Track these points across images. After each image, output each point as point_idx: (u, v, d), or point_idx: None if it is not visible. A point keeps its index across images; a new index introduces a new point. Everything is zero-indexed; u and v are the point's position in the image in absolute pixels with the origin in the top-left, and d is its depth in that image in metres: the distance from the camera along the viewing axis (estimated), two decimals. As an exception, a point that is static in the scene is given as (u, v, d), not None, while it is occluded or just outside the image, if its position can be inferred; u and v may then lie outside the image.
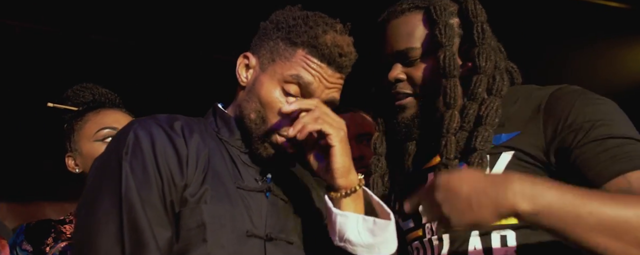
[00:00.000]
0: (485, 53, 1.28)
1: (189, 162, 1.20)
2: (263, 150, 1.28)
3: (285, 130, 1.25)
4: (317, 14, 1.32)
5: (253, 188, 1.27)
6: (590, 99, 1.20)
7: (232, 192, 1.23)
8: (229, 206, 1.20)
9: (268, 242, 1.22)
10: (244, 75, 1.34)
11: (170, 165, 1.18)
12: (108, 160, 1.19)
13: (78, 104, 1.83)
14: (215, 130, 1.33)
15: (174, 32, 3.11)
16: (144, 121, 1.24)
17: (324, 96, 1.28)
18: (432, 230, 1.30)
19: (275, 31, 1.31)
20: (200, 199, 1.18)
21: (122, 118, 1.78)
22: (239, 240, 1.19)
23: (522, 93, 1.30)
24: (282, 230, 1.26)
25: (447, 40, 1.28)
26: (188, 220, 1.16)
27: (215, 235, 1.16)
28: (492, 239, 1.20)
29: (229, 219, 1.19)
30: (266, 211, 1.26)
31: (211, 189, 1.20)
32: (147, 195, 1.14)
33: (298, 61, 1.27)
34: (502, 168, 1.21)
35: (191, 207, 1.17)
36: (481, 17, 1.31)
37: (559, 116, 1.19)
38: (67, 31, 3.00)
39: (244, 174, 1.28)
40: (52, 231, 1.72)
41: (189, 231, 1.16)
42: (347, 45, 1.29)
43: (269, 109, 1.27)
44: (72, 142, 1.78)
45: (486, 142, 1.23)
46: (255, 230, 1.21)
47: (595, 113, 1.17)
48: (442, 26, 1.28)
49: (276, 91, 1.27)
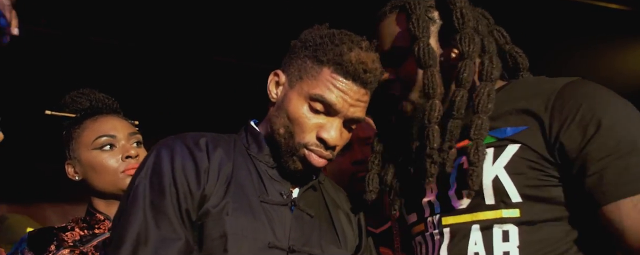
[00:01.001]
0: (467, 37, 1.25)
1: (209, 174, 1.27)
2: (291, 163, 1.33)
3: (312, 144, 1.31)
4: (343, 32, 1.36)
5: (277, 202, 1.31)
6: (599, 100, 1.17)
7: (255, 205, 1.28)
8: (251, 218, 1.25)
9: (291, 254, 1.26)
10: (274, 92, 1.39)
11: (188, 176, 1.25)
12: (133, 182, 1.29)
13: (75, 110, 1.82)
14: (245, 146, 1.39)
15: (173, 34, 3.11)
16: (170, 140, 1.33)
17: (349, 114, 1.32)
18: (433, 224, 1.30)
19: (303, 49, 1.36)
20: (222, 211, 1.24)
21: (119, 124, 1.77)
22: (260, 252, 1.24)
23: (531, 85, 1.27)
24: (306, 243, 1.30)
25: (420, 32, 1.26)
26: (211, 230, 1.23)
27: (236, 245, 1.22)
28: (494, 234, 1.19)
29: (250, 231, 1.24)
30: (290, 224, 1.30)
31: (233, 201, 1.26)
32: (160, 202, 1.22)
33: (323, 80, 1.31)
34: (507, 159, 1.19)
35: (214, 218, 1.23)
36: (460, 2, 1.28)
37: (565, 115, 1.16)
38: (68, 33, 3.00)
39: (269, 188, 1.32)
40: (54, 239, 1.72)
41: (212, 241, 1.22)
42: (371, 61, 1.32)
43: (296, 124, 1.32)
44: (71, 150, 1.77)
45: (480, 130, 1.20)
46: (278, 242, 1.26)
47: (603, 117, 1.14)
48: (415, 19, 1.27)
49: (303, 107, 1.32)
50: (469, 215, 1.23)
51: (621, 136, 1.12)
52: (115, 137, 1.74)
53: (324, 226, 1.37)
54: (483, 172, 1.20)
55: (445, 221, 1.27)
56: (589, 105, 1.16)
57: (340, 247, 1.37)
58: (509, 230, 1.18)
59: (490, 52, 1.27)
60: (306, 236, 1.31)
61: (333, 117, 1.32)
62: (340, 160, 1.98)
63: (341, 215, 1.43)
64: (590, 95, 1.18)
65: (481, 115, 1.21)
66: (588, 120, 1.14)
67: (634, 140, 1.12)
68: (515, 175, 1.18)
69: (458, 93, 1.25)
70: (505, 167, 1.19)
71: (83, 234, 1.72)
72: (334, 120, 1.32)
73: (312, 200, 1.39)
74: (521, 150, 1.18)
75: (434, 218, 1.29)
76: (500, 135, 1.22)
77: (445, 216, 1.27)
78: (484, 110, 1.21)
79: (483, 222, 1.20)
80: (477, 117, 1.21)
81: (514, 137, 1.20)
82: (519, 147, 1.19)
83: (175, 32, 3.08)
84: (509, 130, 1.22)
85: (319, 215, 1.38)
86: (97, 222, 1.74)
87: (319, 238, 1.33)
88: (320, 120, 1.32)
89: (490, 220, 1.20)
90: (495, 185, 1.19)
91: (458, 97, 1.24)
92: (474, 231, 1.21)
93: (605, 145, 1.12)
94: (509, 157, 1.19)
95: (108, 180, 1.71)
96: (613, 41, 3.25)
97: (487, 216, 1.20)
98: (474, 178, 1.18)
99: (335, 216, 1.41)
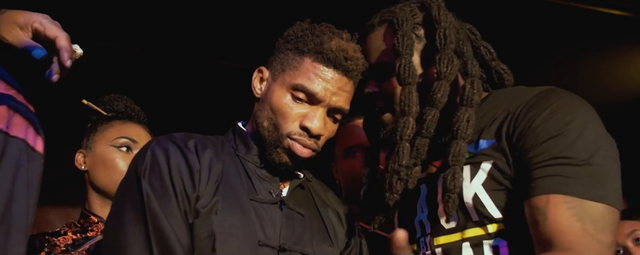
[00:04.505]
0: (446, 58, 1.25)
1: (201, 175, 1.26)
2: (276, 156, 1.33)
3: (295, 134, 1.30)
4: (324, 25, 1.38)
5: (267, 200, 1.31)
6: (563, 107, 1.16)
7: (245, 203, 1.28)
8: (240, 217, 1.25)
9: (281, 252, 1.26)
10: (258, 88, 1.40)
11: (183, 178, 1.24)
12: (130, 178, 1.27)
13: (109, 110, 1.91)
14: (233, 147, 1.39)
15: (173, 38, 3.12)
16: (161, 140, 1.32)
17: (332, 103, 1.33)
18: (426, 244, 1.29)
19: (285, 44, 1.38)
20: (211, 210, 1.24)
21: (143, 134, 1.87)
22: (250, 250, 1.23)
23: (506, 96, 1.28)
24: (297, 242, 1.30)
25: (404, 49, 1.26)
26: (199, 230, 1.22)
27: (224, 245, 1.21)
28: (484, 250, 1.19)
29: (239, 229, 1.23)
30: (280, 223, 1.30)
31: (222, 200, 1.25)
32: (166, 205, 1.21)
33: (304, 70, 1.32)
34: (482, 178, 1.19)
35: (203, 218, 1.23)
36: (444, 22, 1.28)
37: (525, 124, 1.16)
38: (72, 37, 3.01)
39: (258, 188, 1.32)
40: (46, 245, 1.73)
41: (200, 241, 1.21)
42: (353, 50, 1.33)
43: (279, 115, 1.32)
44: (89, 140, 1.84)
45: (458, 157, 1.20)
46: (268, 240, 1.26)
47: (563, 123, 1.14)
48: (401, 36, 1.27)
49: (286, 98, 1.33)
50: (458, 233, 1.23)
51: (577, 144, 1.11)
52: (136, 143, 1.82)
53: (315, 225, 1.37)
54: (463, 190, 1.20)
55: (437, 242, 1.26)
56: (550, 112, 1.15)
57: (332, 245, 1.36)
58: (498, 245, 1.18)
59: (473, 75, 1.26)
60: (297, 235, 1.30)
61: (316, 106, 1.32)
62: (353, 162, 1.99)
63: (331, 214, 1.43)
64: (555, 102, 1.17)
65: (459, 142, 1.21)
66: (545, 125, 1.14)
67: (587, 148, 1.11)
68: (493, 192, 1.18)
69: (429, 112, 1.25)
70: (482, 184, 1.19)
71: (76, 238, 1.74)
72: (317, 109, 1.32)
73: (302, 199, 1.39)
74: (493, 168, 1.18)
75: (426, 239, 1.29)
76: (475, 149, 1.23)
77: (437, 237, 1.27)
78: (463, 137, 1.21)
79: (472, 239, 1.21)
80: (456, 143, 1.21)
81: (486, 152, 1.21)
82: (491, 164, 1.19)
83: (175, 35, 3.10)
84: (482, 143, 1.22)
85: (310, 214, 1.37)
86: (91, 225, 1.76)
87: (310, 237, 1.33)
88: (303, 110, 1.32)
89: (479, 237, 1.20)
90: (476, 203, 1.19)
91: (429, 116, 1.24)
92: (465, 249, 1.22)
93: (554, 150, 1.12)
94: (484, 176, 1.19)
95: (112, 179, 1.75)
96: (614, 48, 3.24)
97: (476, 233, 1.20)
98: (450, 204, 1.18)
99: (325, 215, 1.41)
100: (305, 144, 1.32)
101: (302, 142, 1.32)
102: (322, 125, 1.33)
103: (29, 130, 0.90)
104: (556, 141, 1.12)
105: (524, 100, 1.20)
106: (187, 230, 1.21)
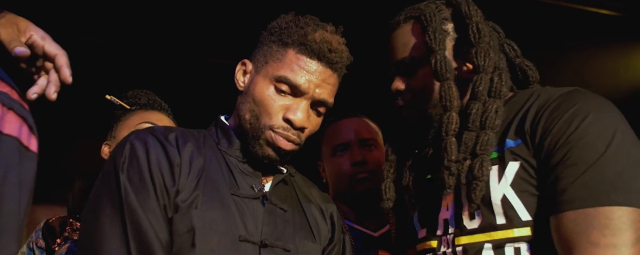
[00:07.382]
0: (483, 51, 1.25)
1: (182, 169, 1.23)
2: (259, 149, 1.30)
3: (278, 127, 1.28)
4: (308, 17, 1.35)
5: (248, 195, 1.28)
6: (585, 108, 1.16)
7: (226, 198, 1.24)
8: (221, 212, 1.22)
9: (263, 248, 1.23)
10: (242, 80, 1.37)
11: (163, 172, 1.21)
12: (107, 170, 1.23)
13: (133, 104, 1.91)
14: (215, 141, 1.36)
15: (167, 35, 3.10)
16: (140, 133, 1.28)
17: (316, 96, 1.31)
18: (448, 243, 1.28)
19: (269, 36, 1.36)
20: (191, 205, 1.20)
21: (166, 120, 1.87)
22: (231, 245, 1.20)
23: (531, 97, 1.27)
24: (279, 238, 1.27)
25: (437, 45, 1.27)
26: (179, 225, 1.18)
27: (204, 240, 1.17)
28: (506, 252, 1.18)
29: (220, 224, 1.20)
30: (262, 218, 1.27)
31: (203, 194, 1.22)
32: (145, 200, 1.17)
33: (288, 62, 1.30)
34: (511, 178, 1.19)
35: (182, 212, 1.19)
36: (476, 17, 1.29)
37: (548, 124, 1.16)
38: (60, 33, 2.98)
39: (240, 182, 1.29)
40: (67, 228, 1.73)
41: (180, 236, 1.17)
42: (337, 42, 1.32)
43: (262, 106, 1.30)
44: (113, 131, 1.85)
45: (486, 146, 1.20)
46: (249, 235, 1.22)
47: (580, 124, 1.13)
48: (432, 32, 1.28)
49: (269, 90, 1.30)
50: (482, 235, 1.22)
51: (592, 146, 1.11)
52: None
53: (298, 221, 1.34)
54: (491, 191, 1.19)
55: (459, 241, 1.25)
56: (571, 113, 1.15)
57: (314, 242, 1.34)
58: (520, 248, 1.17)
59: (500, 68, 1.27)
60: (279, 231, 1.28)
61: (299, 98, 1.30)
62: (340, 161, 1.98)
63: (314, 210, 1.41)
64: (579, 103, 1.17)
65: (488, 131, 1.21)
66: (566, 126, 1.14)
67: (601, 151, 1.10)
68: (522, 193, 1.17)
69: (474, 106, 1.25)
70: (511, 185, 1.18)
71: None
72: (300, 101, 1.30)
73: (284, 195, 1.36)
74: (521, 169, 1.18)
75: (448, 237, 1.28)
76: (501, 149, 1.22)
77: (459, 236, 1.26)
78: (491, 127, 1.21)
79: (496, 241, 1.19)
80: (484, 133, 1.21)
81: (513, 150, 1.20)
82: (519, 165, 1.18)
83: (168, 33, 3.08)
84: (509, 142, 1.22)
85: (292, 209, 1.35)
86: None
87: (293, 233, 1.30)
88: (287, 102, 1.30)
89: (503, 240, 1.18)
90: (505, 205, 1.18)
91: (474, 109, 1.24)
92: (486, 250, 1.20)
93: (572, 153, 1.11)
94: (512, 176, 1.18)
95: None
96: (604, 47, 3.26)
97: (500, 236, 1.19)
98: (477, 192, 1.18)
99: (308, 211, 1.39)
100: (289, 137, 1.30)
101: (285, 136, 1.29)
102: (306, 117, 1.30)
103: (23, 128, 0.87)
104: (580, 145, 1.11)
105: (549, 100, 1.20)
106: (166, 225, 1.18)
